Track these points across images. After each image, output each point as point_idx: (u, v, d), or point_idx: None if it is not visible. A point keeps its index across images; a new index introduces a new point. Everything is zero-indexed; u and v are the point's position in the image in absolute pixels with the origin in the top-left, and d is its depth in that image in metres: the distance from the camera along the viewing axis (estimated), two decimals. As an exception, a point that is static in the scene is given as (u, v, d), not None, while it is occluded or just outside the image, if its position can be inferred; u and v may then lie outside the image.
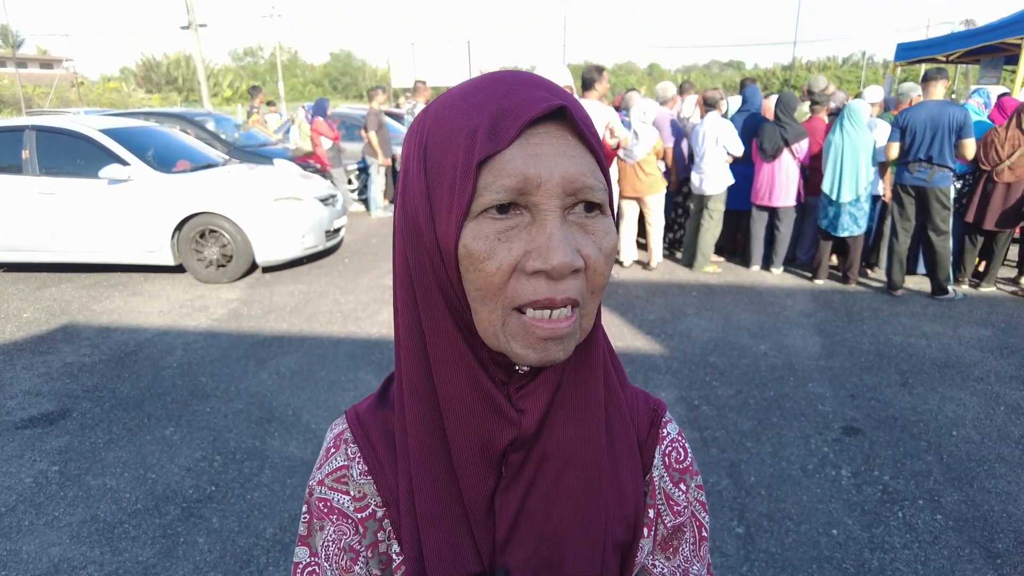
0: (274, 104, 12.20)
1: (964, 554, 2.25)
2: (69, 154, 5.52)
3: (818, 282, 5.52)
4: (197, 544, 2.34)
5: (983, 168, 4.92)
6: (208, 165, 6.16)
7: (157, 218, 5.42)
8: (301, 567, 0.59)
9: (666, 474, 0.62)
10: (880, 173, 5.39)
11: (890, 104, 6.46)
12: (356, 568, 0.56)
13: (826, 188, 5.16)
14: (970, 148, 4.63)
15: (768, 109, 6.01)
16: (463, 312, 0.49)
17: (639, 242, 6.34)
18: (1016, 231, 5.02)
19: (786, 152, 5.43)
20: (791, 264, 6.00)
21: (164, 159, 5.81)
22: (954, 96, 11.77)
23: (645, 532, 0.60)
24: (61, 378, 3.74)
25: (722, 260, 6.20)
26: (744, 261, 6.08)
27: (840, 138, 5.02)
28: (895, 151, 4.84)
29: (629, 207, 5.80)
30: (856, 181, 5.02)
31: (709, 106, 5.58)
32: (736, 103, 6.37)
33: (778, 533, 2.37)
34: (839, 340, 4.23)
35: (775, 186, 5.53)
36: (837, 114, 5.52)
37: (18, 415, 3.31)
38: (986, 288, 5.26)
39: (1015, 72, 7.81)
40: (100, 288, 5.52)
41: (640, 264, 6.09)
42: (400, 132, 9.73)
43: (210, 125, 8.36)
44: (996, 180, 4.85)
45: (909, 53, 10.38)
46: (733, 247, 6.37)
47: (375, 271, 5.98)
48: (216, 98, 41.41)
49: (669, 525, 0.61)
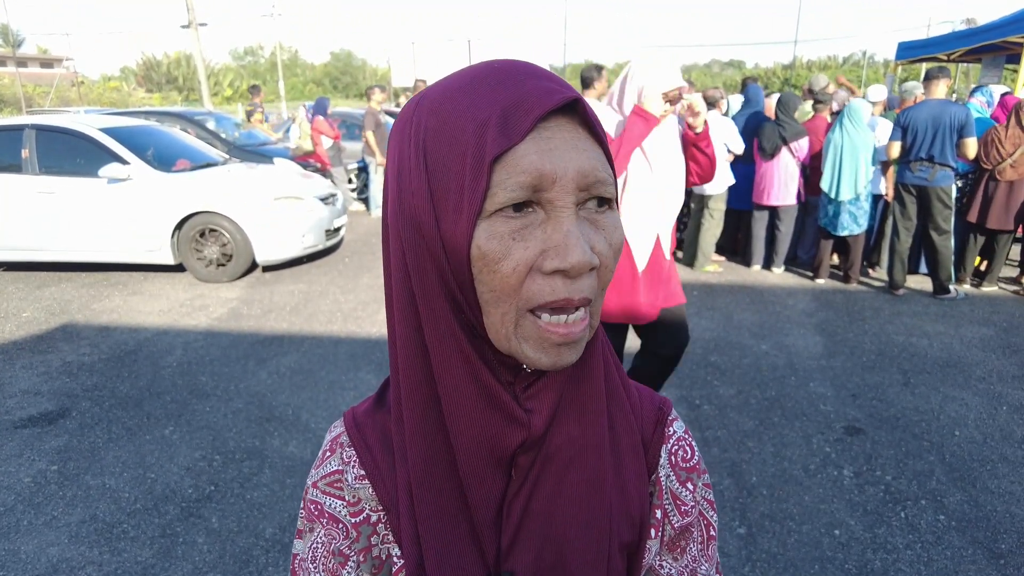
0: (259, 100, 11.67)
1: (967, 555, 2.24)
2: (69, 153, 5.50)
3: (819, 281, 5.51)
4: (196, 544, 2.33)
5: (984, 167, 4.92)
6: (208, 164, 6.15)
7: (157, 217, 5.41)
8: (299, 559, 0.59)
9: (673, 473, 0.60)
10: (883, 172, 5.39)
11: (893, 103, 6.45)
12: (343, 572, 0.55)
13: (825, 186, 5.15)
14: (971, 147, 4.62)
15: (770, 108, 6.00)
16: (468, 313, 0.47)
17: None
18: (1018, 230, 5.01)
19: (785, 151, 5.42)
20: (792, 263, 5.99)
21: (164, 158, 5.80)
22: (955, 95, 11.76)
23: (652, 533, 0.58)
24: (60, 377, 3.73)
25: (723, 259, 6.20)
26: (745, 260, 6.08)
27: (840, 136, 5.01)
28: (896, 150, 4.83)
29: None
30: (855, 179, 5.01)
31: (709, 105, 5.57)
32: (737, 102, 6.36)
33: (780, 533, 2.36)
34: (841, 340, 4.22)
35: (775, 185, 5.52)
36: (838, 114, 5.52)
37: (17, 414, 3.30)
38: (988, 287, 5.25)
39: (1016, 71, 7.80)
40: (100, 287, 5.51)
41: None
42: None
43: (210, 124, 8.37)
44: (998, 179, 4.84)
45: (910, 52, 10.37)
46: (734, 246, 6.37)
47: (375, 270, 5.97)
48: (216, 97, 41.46)
49: (677, 525, 0.60)
